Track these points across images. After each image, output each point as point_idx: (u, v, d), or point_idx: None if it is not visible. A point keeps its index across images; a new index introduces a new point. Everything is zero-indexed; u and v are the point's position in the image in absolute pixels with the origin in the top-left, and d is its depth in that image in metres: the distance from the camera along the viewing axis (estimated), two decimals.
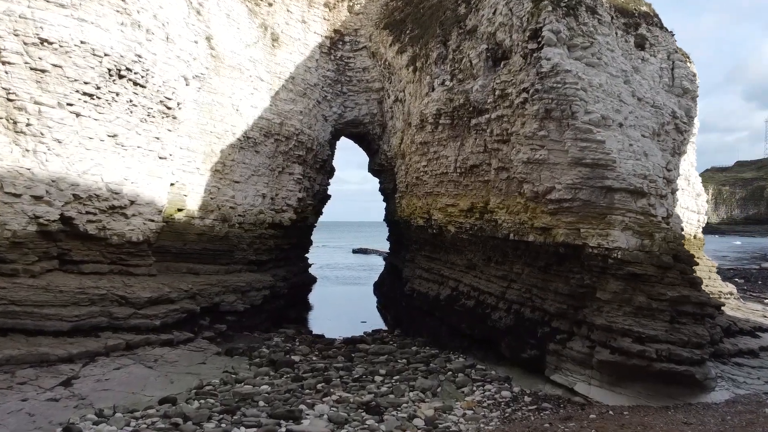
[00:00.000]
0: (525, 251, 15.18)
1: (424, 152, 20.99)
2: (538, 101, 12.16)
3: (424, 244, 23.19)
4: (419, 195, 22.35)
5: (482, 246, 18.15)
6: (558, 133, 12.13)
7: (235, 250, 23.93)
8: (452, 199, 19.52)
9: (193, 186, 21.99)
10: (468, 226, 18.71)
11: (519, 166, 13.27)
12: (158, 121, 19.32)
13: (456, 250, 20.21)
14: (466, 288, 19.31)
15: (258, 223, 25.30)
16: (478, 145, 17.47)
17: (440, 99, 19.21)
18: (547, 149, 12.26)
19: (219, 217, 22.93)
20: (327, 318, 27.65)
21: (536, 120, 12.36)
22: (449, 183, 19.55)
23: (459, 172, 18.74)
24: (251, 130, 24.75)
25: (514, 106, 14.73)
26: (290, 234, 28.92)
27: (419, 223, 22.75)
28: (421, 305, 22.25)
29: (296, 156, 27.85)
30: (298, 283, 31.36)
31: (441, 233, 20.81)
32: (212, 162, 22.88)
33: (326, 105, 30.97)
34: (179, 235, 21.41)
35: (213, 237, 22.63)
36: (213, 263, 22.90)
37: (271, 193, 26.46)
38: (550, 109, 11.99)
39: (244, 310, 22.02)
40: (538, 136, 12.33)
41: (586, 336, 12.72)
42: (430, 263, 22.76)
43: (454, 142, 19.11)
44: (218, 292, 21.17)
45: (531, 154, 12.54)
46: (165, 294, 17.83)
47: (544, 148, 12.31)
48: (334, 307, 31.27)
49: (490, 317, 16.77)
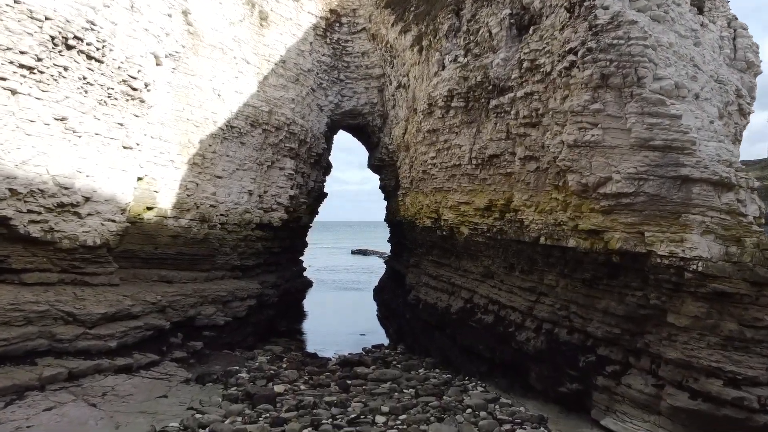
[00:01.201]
0: (561, 259, 12.30)
1: (433, 142, 18.11)
2: (590, 65, 9.31)
3: (431, 247, 20.31)
4: (426, 191, 19.47)
5: (503, 251, 15.28)
6: (617, 107, 9.27)
7: (217, 254, 21.05)
8: (466, 196, 16.65)
9: (166, 181, 19.10)
10: (485, 227, 15.85)
11: (561, 152, 10.39)
12: (121, 105, 16.41)
13: (470, 256, 17.33)
14: (482, 300, 16.44)
15: (243, 224, 22.42)
16: (499, 131, 14.60)
17: (452, 78, 16.33)
18: (601, 128, 9.40)
19: (197, 217, 20.04)
20: (322, 329, 24.77)
21: (587, 90, 9.49)
22: (463, 177, 16.68)
23: (475, 163, 15.87)
24: (235, 119, 21.86)
25: (549, 79, 11.87)
26: (281, 235, 26.04)
27: (426, 224, 19.87)
28: (428, 318, 19.36)
29: (287, 149, 24.96)
30: (291, 289, 28.45)
31: (452, 235, 17.94)
32: (189, 154, 20.00)
33: (321, 93, 28.07)
34: (149, 237, 18.52)
35: (190, 239, 19.74)
36: (191, 269, 20.01)
37: (259, 190, 23.57)
38: (608, 75, 9.13)
39: (225, 323, 19.14)
40: (590, 110, 9.47)
41: (649, 371, 9.84)
42: (439, 269, 19.88)
43: (468, 128, 16.23)
44: (194, 303, 18.29)
45: (579, 135, 9.68)
46: (125, 308, 14.95)
47: (597, 126, 9.45)
48: (331, 316, 28.38)
49: (515, 338, 13.89)
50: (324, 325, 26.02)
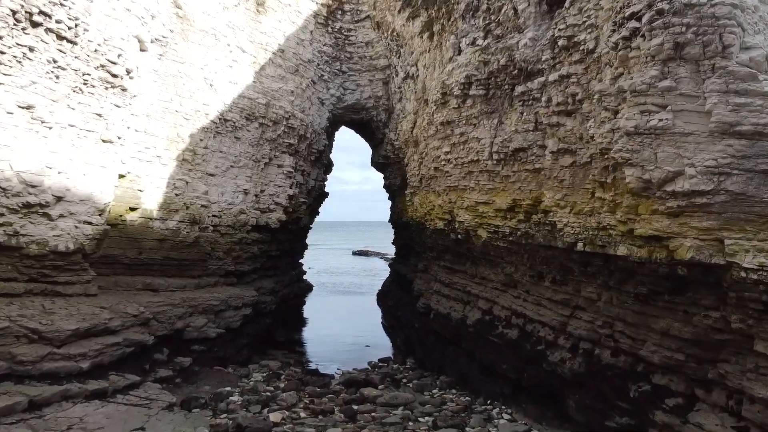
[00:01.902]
0: (604, 269, 10.54)
1: (447, 135, 16.34)
2: (660, 32, 7.52)
3: (443, 251, 18.54)
4: (438, 190, 17.69)
5: (528, 258, 13.52)
6: (693, 84, 7.49)
7: (209, 259, 19.27)
8: (485, 195, 14.88)
9: (152, 179, 17.33)
10: (507, 230, 14.09)
11: (615, 142, 8.59)
12: (100, 93, 14.62)
13: (489, 262, 15.57)
14: (503, 312, 14.67)
15: (238, 226, 20.64)
16: (526, 122, 12.83)
17: (470, 63, 14.55)
18: (671, 111, 7.62)
19: (187, 218, 18.26)
20: (323, 340, 22.97)
21: (655, 64, 7.71)
22: (481, 174, 14.90)
23: (496, 158, 14.09)
24: (230, 111, 20.09)
25: (591, 58, 10.11)
26: (279, 238, 24.27)
27: (438, 226, 18.10)
28: (440, 330, 17.59)
29: (286, 145, 23.18)
30: (290, 295, 26.69)
31: (468, 239, 16.17)
32: (179, 149, 18.23)
33: (322, 86, 26.29)
34: (132, 241, 16.75)
35: (179, 243, 17.96)
36: (180, 276, 18.25)
37: (256, 189, 21.79)
38: (683, 44, 7.36)
39: (217, 336, 17.34)
40: (658, 89, 7.69)
41: (725, 407, 8.07)
42: (452, 276, 18.11)
43: (488, 119, 14.46)
44: (183, 314, 16.50)
45: (641, 120, 7.90)
46: (102, 322, 13.16)
47: (666, 109, 7.68)
48: (332, 324, 26.60)
49: (546, 357, 12.12)
50: (325, 334, 24.24)
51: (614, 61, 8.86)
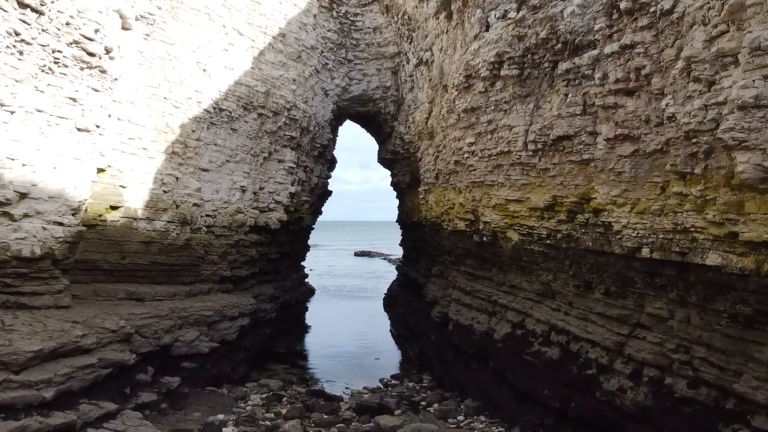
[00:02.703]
0: (679, 280, 8.60)
1: (471, 124, 14.38)
2: None
3: (464, 255, 16.58)
4: (460, 187, 15.73)
5: (572, 265, 11.58)
6: None
7: (202, 263, 17.31)
8: (518, 192, 12.93)
9: (137, 173, 15.38)
10: (544, 231, 12.15)
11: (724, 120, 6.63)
12: (74, 74, 12.65)
13: (520, 268, 13.62)
14: (539, 327, 12.73)
15: (235, 226, 18.69)
16: (572, 104, 10.88)
17: (502, 38, 12.59)
18: None
19: (177, 218, 16.30)
20: (328, 351, 21.02)
21: None
22: (513, 167, 12.96)
23: (532, 149, 12.14)
24: (225, 100, 18.13)
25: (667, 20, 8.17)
26: (280, 239, 22.33)
27: (458, 227, 16.14)
28: (461, 344, 15.64)
29: (288, 138, 21.23)
30: (291, 301, 24.77)
31: (495, 242, 14.23)
32: (167, 141, 16.28)
33: (327, 75, 24.33)
34: (114, 244, 14.80)
35: (167, 246, 16.00)
36: (169, 283, 16.30)
37: (254, 186, 19.84)
38: None
39: (210, 350, 15.39)
40: None
41: None
42: (474, 283, 16.16)
43: (523, 103, 12.51)
44: (171, 326, 14.54)
45: (765, 87, 5.97)
46: (72, 341, 11.20)
47: None
48: (338, 333, 24.64)
49: (600, 385, 10.17)
50: (330, 344, 22.28)
51: (713, 17, 6.89)
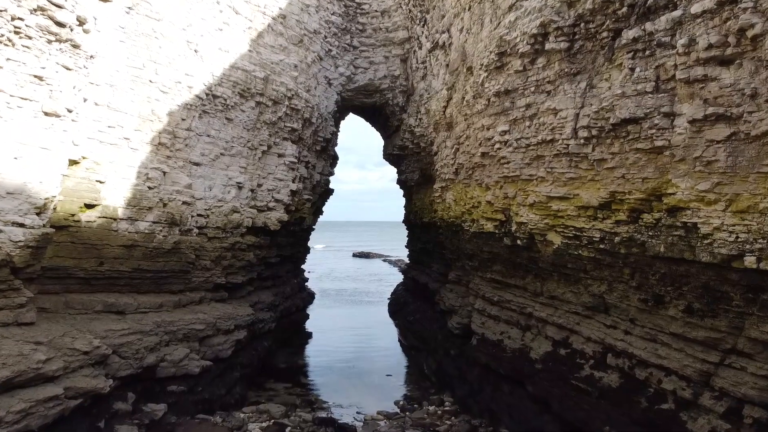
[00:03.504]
0: None
1: (504, 109, 12.45)
2: None
3: (490, 260, 14.64)
4: (488, 183, 13.79)
5: (634, 273, 9.69)
6: None
7: (193, 269, 15.31)
8: (563, 187, 11.01)
9: (117, 167, 13.37)
10: (598, 234, 10.25)
11: None
12: (40, 47, 10.66)
13: (564, 277, 11.69)
14: (589, 346, 10.82)
15: (230, 227, 16.70)
16: (641, 80, 8.97)
17: (547, 6, 10.68)
18: None
19: (164, 218, 14.30)
20: (333, 364, 19.03)
21: None
22: (558, 158, 11.03)
23: (583, 136, 10.22)
24: (219, 85, 16.15)
25: None
26: (280, 241, 20.37)
27: (484, 228, 14.21)
28: (489, 361, 13.72)
29: (288, 130, 19.26)
30: (291, 308, 22.80)
31: (532, 245, 12.31)
32: (153, 130, 14.28)
33: (330, 63, 22.37)
34: (90, 248, 12.79)
35: (153, 250, 13.99)
36: (155, 292, 14.31)
37: (251, 183, 17.86)
38: None
39: (202, 371, 13.40)
40: None
41: None
42: (503, 292, 14.23)
43: (572, 82, 10.59)
44: (156, 344, 12.54)
45: None
46: (32, 367, 9.22)
47: None
48: (342, 343, 22.65)
49: (684, 425, 8.22)
50: (335, 357, 20.31)
51: None
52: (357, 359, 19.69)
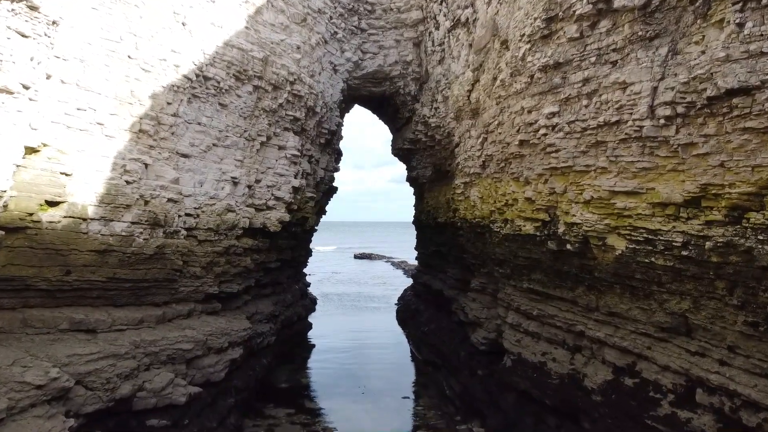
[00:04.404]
0: None
1: (553, 86, 10.36)
2: None
3: (528, 267, 12.52)
4: (527, 176, 11.69)
5: (736, 289, 7.63)
6: None
7: (180, 278, 13.18)
8: (631, 179, 8.94)
9: (89, 157, 11.25)
10: (681, 238, 8.23)
11: None
12: None
13: (629, 290, 9.59)
14: (667, 378, 8.73)
15: (224, 229, 14.58)
16: (754, 38, 6.94)
17: None
18: None
19: (145, 218, 12.17)
20: (341, 383, 16.90)
21: None
22: (626, 144, 8.96)
23: (665, 115, 8.16)
24: (211, 65, 14.03)
25: None
26: (281, 244, 18.25)
27: (522, 229, 12.10)
28: (531, 389, 11.61)
29: (290, 119, 17.14)
30: (293, 318, 20.68)
31: (585, 251, 10.22)
32: (133, 115, 12.16)
33: (336, 46, 20.26)
34: (53, 254, 10.65)
35: (131, 256, 11.86)
36: (134, 305, 12.20)
37: (249, 179, 15.74)
38: None
39: (190, 398, 11.27)
40: None
41: None
42: (543, 305, 12.12)
43: (647, 48, 8.52)
44: (133, 369, 10.43)
45: None
46: None
47: None
48: (348, 357, 20.49)
49: None
50: (342, 373, 18.20)
51: None
52: (367, 377, 17.56)
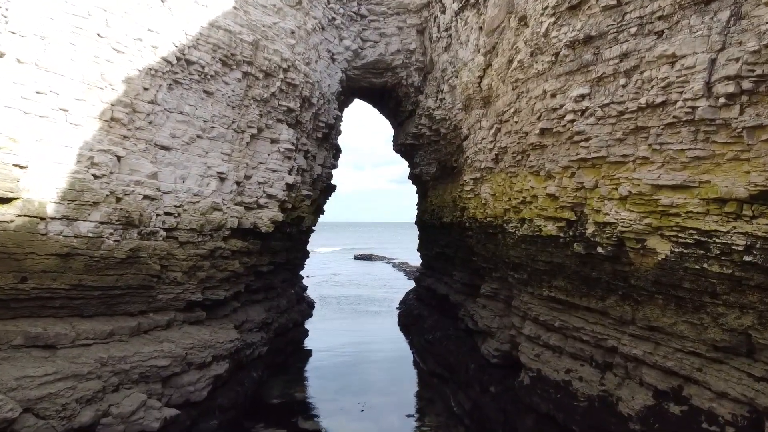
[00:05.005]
0: None
1: (583, 64, 8.98)
2: None
3: (548, 273, 11.11)
4: (550, 169, 10.29)
5: None
6: None
7: (158, 284, 11.79)
8: (680, 171, 7.57)
9: (48, 147, 9.87)
10: (743, 241, 6.93)
11: None
12: None
13: (674, 301, 8.20)
14: (724, 407, 7.37)
15: (209, 229, 13.19)
16: None
17: None
18: None
19: (116, 217, 10.78)
20: (340, 399, 15.48)
21: None
22: (672, 129, 7.59)
23: (726, 92, 6.81)
24: (195, 48, 12.65)
25: None
26: (274, 246, 16.88)
27: (544, 230, 10.70)
28: (554, 412, 10.20)
29: (284, 110, 15.76)
30: (288, 325, 19.29)
31: (620, 254, 8.81)
32: (104, 101, 10.78)
33: (334, 34, 18.89)
34: (5, 259, 9.29)
35: (100, 260, 10.47)
36: (105, 315, 10.82)
37: (237, 174, 14.36)
38: None
39: (166, 423, 9.88)
40: None
41: None
42: (566, 316, 10.72)
43: (702, 14, 7.18)
44: (97, 392, 9.04)
45: None
46: None
47: None
48: (348, 368, 19.07)
49: None
50: (340, 384, 16.80)
51: None
52: (367, 390, 16.14)
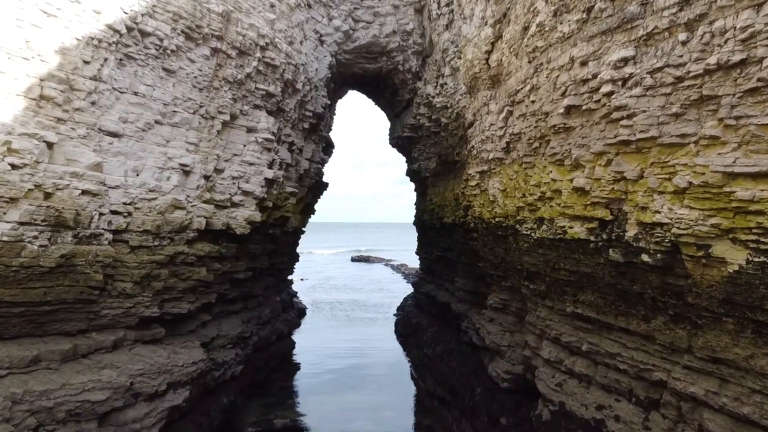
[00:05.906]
0: None
1: (623, 21, 7.00)
2: None
3: (572, 285, 9.12)
4: (578, 156, 8.31)
5: None
6: None
7: (103, 297, 9.80)
8: (765, 155, 5.50)
9: None
10: None
11: None
12: None
13: (753, 327, 6.18)
14: None
15: (169, 231, 11.20)
16: None
17: None
18: None
19: (43, 217, 8.79)
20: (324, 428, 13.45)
21: None
22: (752, 97, 5.63)
23: None
24: (150, 16, 10.68)
25: None
26: (252, 250, 14.90)
27: (569, 232, 8.72)
28: None
29: (262, 95, 13.79)
30: (270, 338, 17.29)
31: (673, 264, 6.81)
32: (30, 75, 8.82)
33: (322, 12, 16.91)
34: None
35: (21, 270, 8.48)
36: (32, 336, 8.83)
37: (206, 167, 12.38)
38: None
39: None
40: None
41: None
42: (596, 338, 8.74)
43: None
44: None
45: None
46: None
47: None
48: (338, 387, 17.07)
49: None
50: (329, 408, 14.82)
51: None
52: (358, 417, 14.15)
